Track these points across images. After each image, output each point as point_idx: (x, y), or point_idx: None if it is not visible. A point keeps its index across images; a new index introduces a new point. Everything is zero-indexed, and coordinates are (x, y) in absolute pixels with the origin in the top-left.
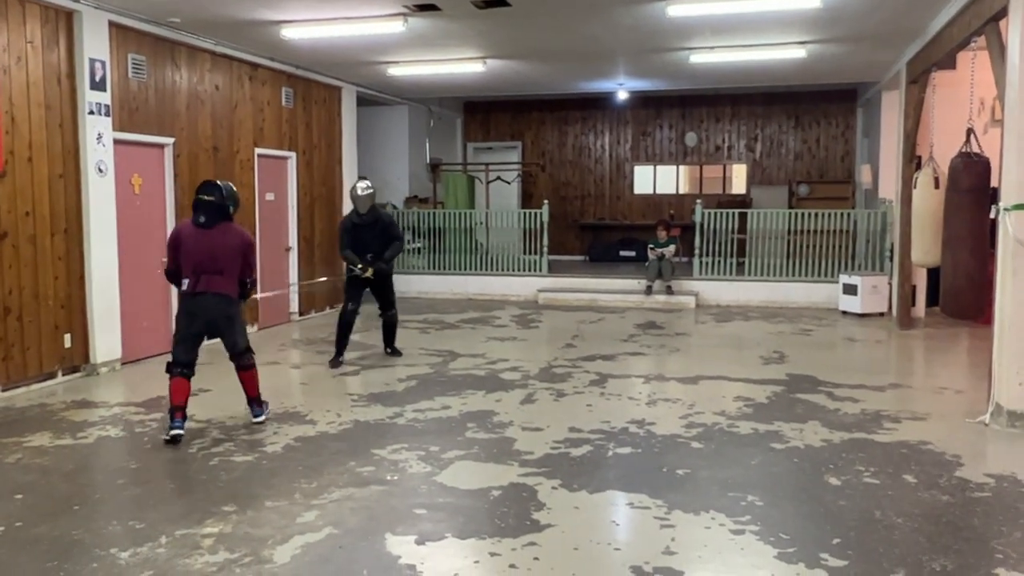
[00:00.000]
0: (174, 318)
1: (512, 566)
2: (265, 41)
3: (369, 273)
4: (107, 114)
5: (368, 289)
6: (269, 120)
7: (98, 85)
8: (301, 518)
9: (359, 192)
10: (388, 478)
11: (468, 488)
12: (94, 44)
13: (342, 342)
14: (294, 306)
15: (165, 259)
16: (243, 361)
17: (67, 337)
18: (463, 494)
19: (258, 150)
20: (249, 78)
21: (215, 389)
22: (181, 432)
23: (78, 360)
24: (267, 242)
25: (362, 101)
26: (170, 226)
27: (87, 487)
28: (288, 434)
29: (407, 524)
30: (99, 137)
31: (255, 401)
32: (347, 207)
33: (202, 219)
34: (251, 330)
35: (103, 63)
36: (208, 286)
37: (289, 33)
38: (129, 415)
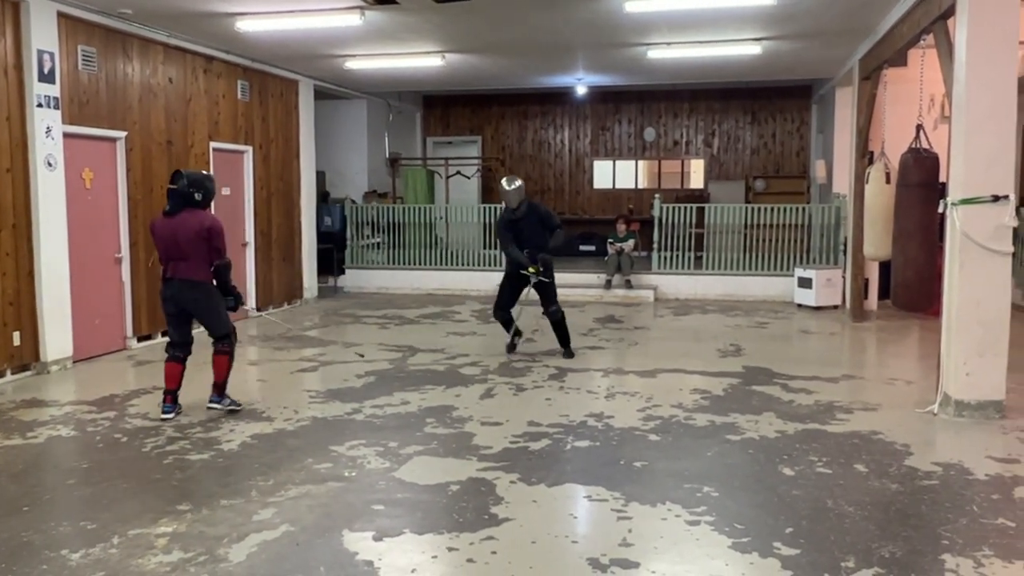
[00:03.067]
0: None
1: (470, 560)
2: (220, 33)
3: (533, 271)
4: (56, 107)
5: (533, 289)
6: (225, 114)
7: (47, 77)
8: (257, 516)
9: (506, 187)
10: (346, 474)
11: (426, 483)
12: (42, 35)
13: (510, 328)
14: (251, 302)
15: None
16: (217, 346)
17: (16, 335)
18: (421, 489)
19: (213, 144)
20: (204, 71)
21: None
22: (169, 415)
23: (28, 358)
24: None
25: (320, 95)
26: (123, 221)
27: (37, 488)
28: (245, 431)
29: (365, 520)
30: (48, 130)
31: (217, 387)
32: (305, 201)
33: (167, 207)
34: None
35: (52, 55)
36: (175, 272)
37: (244, 25)
38: (81, 414)
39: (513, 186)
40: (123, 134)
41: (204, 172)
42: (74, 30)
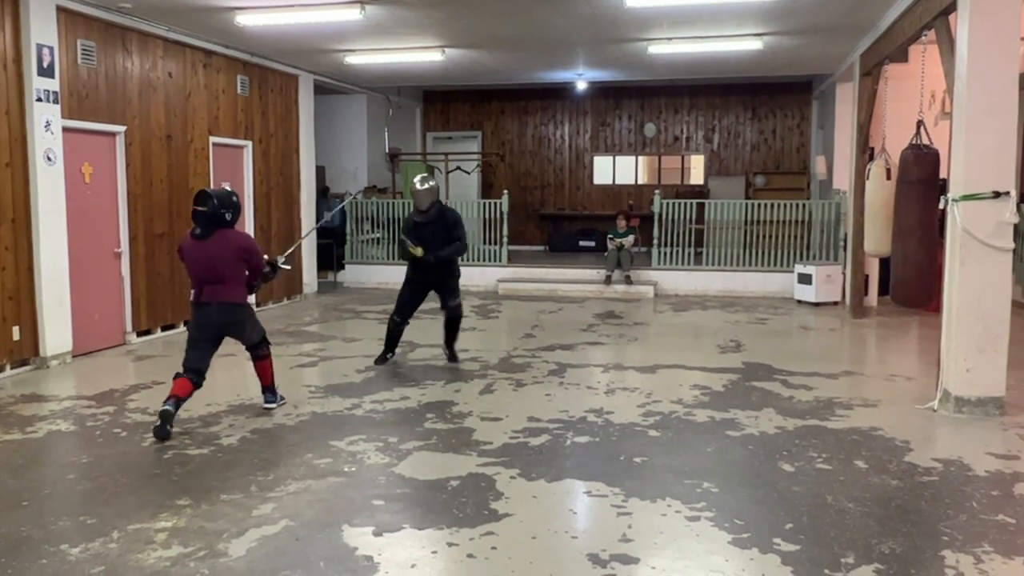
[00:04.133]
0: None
1: (470, 556)
2: (219, 28)
3: (419, 252)
4: (55, 101)
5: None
6: (224, 108)
7: (46, 72)
8: (257, 511)
9: (417, 186)
10: (346, 470)
11: (426, 479)
12: (41, 29)
13: (392, 343)
14: (251, 297)
15: None
16: (256, 352)
17: (15, 329)
18: (421, 485)
19: (213, 139)
20: (203, 65)
21: (168, 382)
22: (169, 409)
23: (27, 353)
24: None
25: (320, 90)
26: (122, 216)
27: (36, 482)
28: (244, 427)
29: (364, 515)
30: (47, 125)
31: (268, 389)
32: (305, 197)
33: (198, 231)
34: None
35: (51, 49)
36: (211, 297)
37: (244, 20)
38: (80, 409)
39: (425, 186)
40: (122, 129)
41: (228, 189)
42: (73, 24)
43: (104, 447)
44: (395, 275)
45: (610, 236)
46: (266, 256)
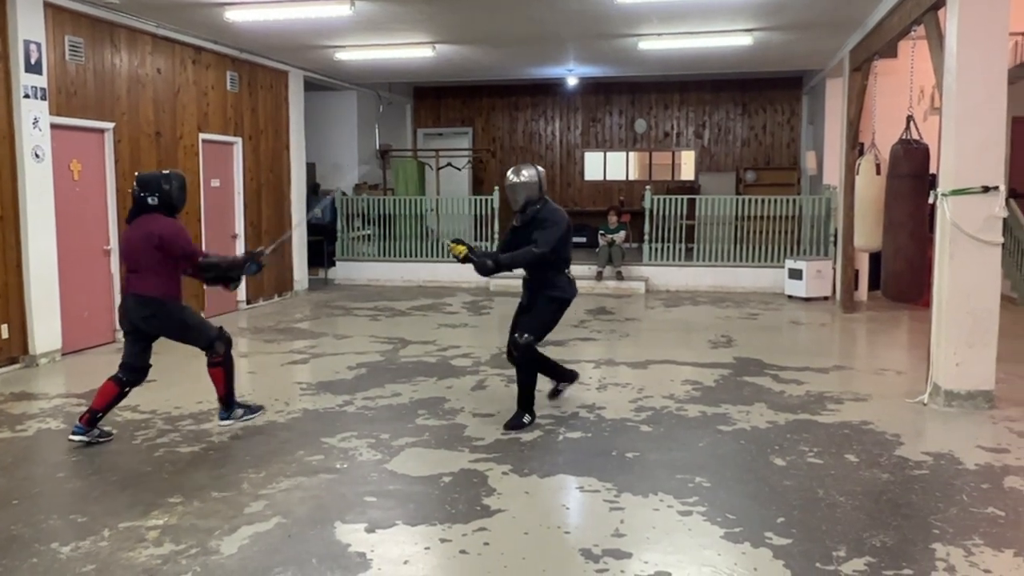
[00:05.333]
0: None
1: (463, 551)
2: (208, 24)
3: (459, 251)
4: (43, 98)
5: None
6: (214, 105)
7: (33, 68)
8: (249, 508)
9: (511, 178)
10: (338, 466)
11: (419, 475)
12: (29, 25)
13: (548, 372)
14: (242, 294)
15: None
16: (208, 359)
17: (4, 328)
18: (413, 481)
19: (203, 135)
20: (192, 61)
21: (159, 380)
22: (79, 438)
23: (16, 351)
24: (213, 229)
25: (310, 86)
26: (112, 213)
27: (26, 481)
28: (235, 424)
29: (357, 512)
30: (35, 122)
31: (222, 402)
32: (295, 194)
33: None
34: None
35: (38, 45)
36: (127, 286)
37: (233, 15)
38: (70, 407)
39: (519, 178)
40: (111, 125)
41: (166, 171)
42: (61, 20)
43: (95, 446)
44: (386, 272)
45: (601, 232)
46: (248, 248)
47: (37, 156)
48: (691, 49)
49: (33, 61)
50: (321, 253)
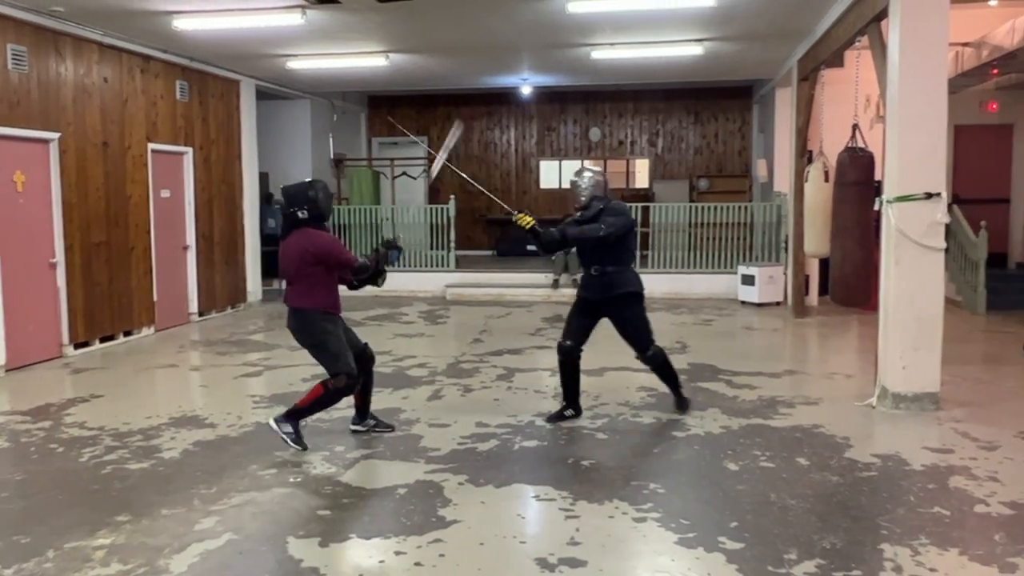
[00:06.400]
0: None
1: (417, 564)
2: (156, 32)
3: (526, 222)
4: None
5: (610, 319)
6: (163, 114)
7: None
8: (199, 525)
9: (574, 178)
10: (291, 480)
11: (373, 487)
12: None
13: (568, 391)
14: (193, 306)
15: None
16: (327, 378)
17: None
18: (368, 493)
19: (152, 145)
20: (141, 71)
21: (107, 395)
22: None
23: None
24: (163, 241)
25: (262, 95)
26: (57, 225)
27: None
28: (186, 439)
29: (310, 526)
30: None
31: (290, 412)
32: (248, 203)
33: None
34: (148, 332)
35: None
36: (285, 298)
37: (182, 24)
38: (14, 424)
39: (580, 177)
40: (56, 135)
41: (307, 181)
42: (2, 28)
43: (39, 463)
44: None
45: None
46: (375, 260)
47: None
48: (643, 58)
49: None
50: (275, 264)
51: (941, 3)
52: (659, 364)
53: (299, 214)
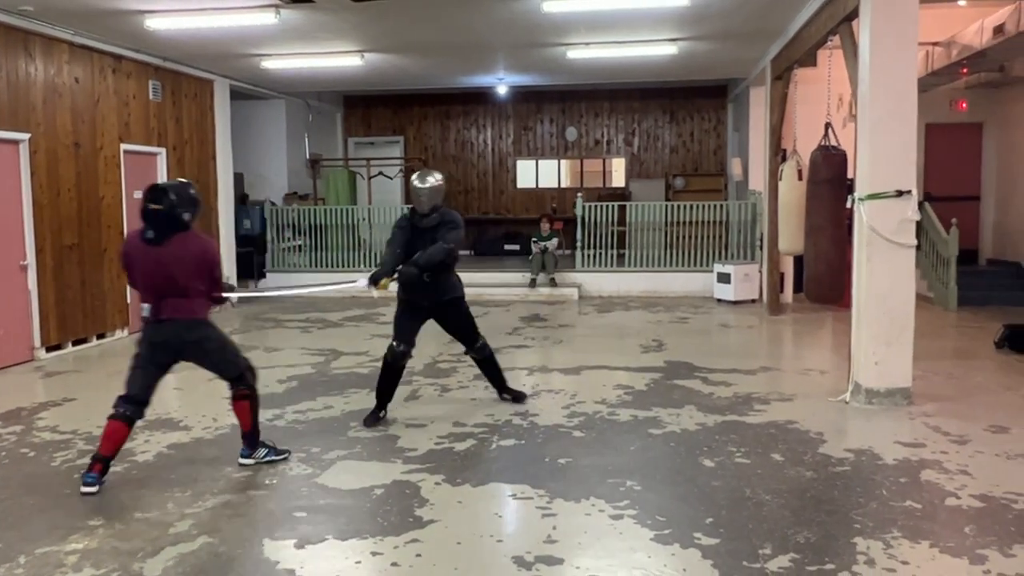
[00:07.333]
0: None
1: (394, 564)
2: (128, 31)
3: (381, 287)
4: None
5: (436, 321)
6: (135, 114)
7: None
8: (174, 528)
9: (417, 184)
10: (267, 482)
11: (350, 488)
12: None
13: (383, 397)
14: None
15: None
16: (234, 390)
17: None
18: (345, 494)
19: (124, 146)
20: (112, 70)
21: (80, 398)
22: (91, 490)
23: None
24: None
25: (236, 95)
26: (28, 226)
27: None
28: (160, 442)
29: (286, 528)
30: None
31: (248, 438)
32: (222, 204)
33: (150, 233)
34: (122, 334)
35: None
36: (173, 312)
37: (154, 23)
38: None
39: (427, 183)
40: (26, 136)
41: (184, 181)
42: None
43: (10, 468)
44: (317, 282)
45: (534, 240)
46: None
47: None
48: (618, 58)
49: None
50: (251, 265)
51: (911, 3)
52: (487, 355)
53: (184, 216)
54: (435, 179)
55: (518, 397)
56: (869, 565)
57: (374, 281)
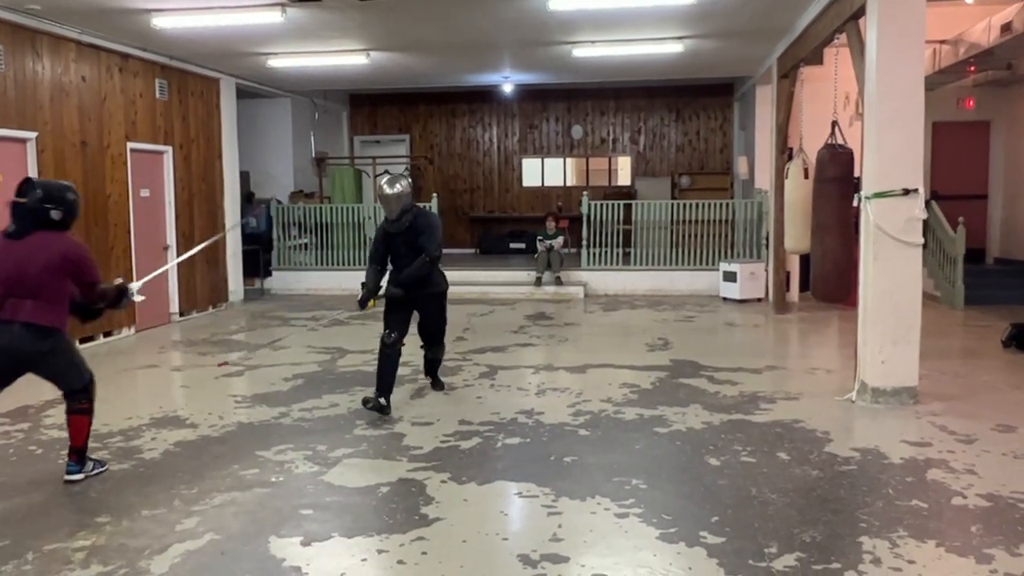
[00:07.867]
0: None
1: (400, 562)
2: (135, 30)
3: (370, 307)
4: None
5: (416, 311)
6: (142, 113)
7: None
8: (180, 525)
9: (385, 190)
10: (273, 480)
11: (356, 486)
12: None
13: (385, 380)
14: (174, 306)
15: None
16: (73, 404)
17: None
18: (351, 492)
19: (131, 144)
20: (119, 69)
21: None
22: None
23: None
24: (143, 240)
25: (243, 93)
26: None
27: None
28: (167, 439)
29: (292, 526)
30: None
31: (76, 454)
32: (229, 202)
33: (11, 226)
34: (128, 333)
35: None
36: (14, 313)
37: (160, 22)
38: None
39: (393, 189)
40: (33, 135)
41: (65, 183)
42: None
43: (18, 466)
44: (324, 281)
45: (540, 238)
46: (120, 279)
47: None
48: (624, 56)
49: None
50: (257, 263)
51: (918, 1)
52: (439, 359)
53: (52, 213)
54: (402, 185)
55: (438, 385)
56: (875, 564)
57: (362, 305)
